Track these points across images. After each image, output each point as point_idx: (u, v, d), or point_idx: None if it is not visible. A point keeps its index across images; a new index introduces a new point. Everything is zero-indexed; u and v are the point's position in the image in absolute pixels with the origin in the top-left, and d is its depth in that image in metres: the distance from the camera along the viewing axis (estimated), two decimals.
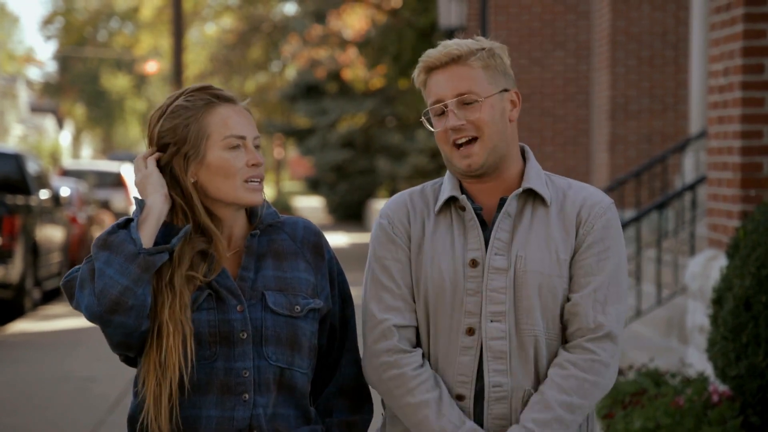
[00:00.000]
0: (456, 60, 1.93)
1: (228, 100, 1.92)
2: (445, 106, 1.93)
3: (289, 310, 1.92)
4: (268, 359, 1.89)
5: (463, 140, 1.92)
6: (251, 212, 1.95)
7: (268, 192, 26.04)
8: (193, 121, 1.89)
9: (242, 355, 1.89)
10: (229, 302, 1.90)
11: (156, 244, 1.87)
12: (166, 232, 1.89)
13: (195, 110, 1.88)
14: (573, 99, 9.90)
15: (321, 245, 1.98)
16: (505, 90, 1.96)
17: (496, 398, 1.90)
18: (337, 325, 2.00)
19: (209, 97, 1.90)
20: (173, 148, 1.88)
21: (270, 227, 1.96)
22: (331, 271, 1.99)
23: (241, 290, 1.91)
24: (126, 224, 1.86)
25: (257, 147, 1.92)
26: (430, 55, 1.95)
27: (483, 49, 1.95)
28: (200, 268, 1.89)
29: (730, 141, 4.40)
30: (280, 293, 1.92)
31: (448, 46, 1.94)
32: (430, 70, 1.95)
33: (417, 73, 1.97)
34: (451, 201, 1.97)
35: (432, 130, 1.96)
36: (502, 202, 1.95)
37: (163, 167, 1.89)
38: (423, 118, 1.97)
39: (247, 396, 1.88)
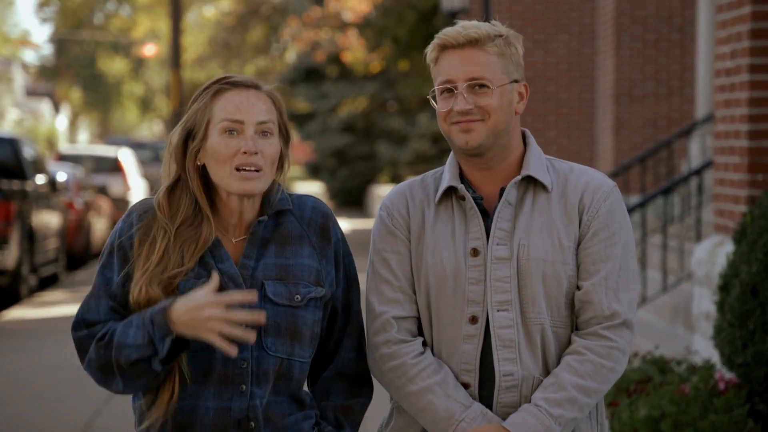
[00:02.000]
0: (473, 43, 1.90)
1: (242, 85, 1.89)
2: (455, 87, 1.91)
3: (288, 299, 1.89)
4: (267, 350, 1.87)
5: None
6: (265, 198, 1.93)
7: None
8: (203, 106, 1.89)
9: (241, 345, 1.85)
10: (230, 291, 1.87)
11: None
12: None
13: (207, 95, 1.90)
14: (577, 83, 9.84)
15: (328, 227, 1.95)
16: (516, 81, 1.94)
17: (506, 387, 1.90)
18: (339, 308, 1.97)
19: (222, 84, 1.89)
20: (189, 131, 1.91)
21: (279, 211, 1.94)
22: (337, 253, 1.96)
23: (242, 278, 1.88)
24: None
25: (264, 133, 1.88)
26: (447, 33, 1.92)
27: (501, 36, 1.92)
28: (189, 253, 1.86)
29: (737, 125, 4.34)
30: (280, 282, 1.90)
31: (467, 28, 1.91)
32: (445, 48, 1.92)
33: (430, 49, 1.94)
34: (452, 191, 1.96)
35: (436, 108, 1.94)
36: (503, 191, 1.93)
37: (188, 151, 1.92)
38: (429, 96, 1.95)
39: (244, 387, 1.86)
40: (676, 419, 3.55)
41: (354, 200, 21.69)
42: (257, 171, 1.86)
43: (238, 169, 1.86)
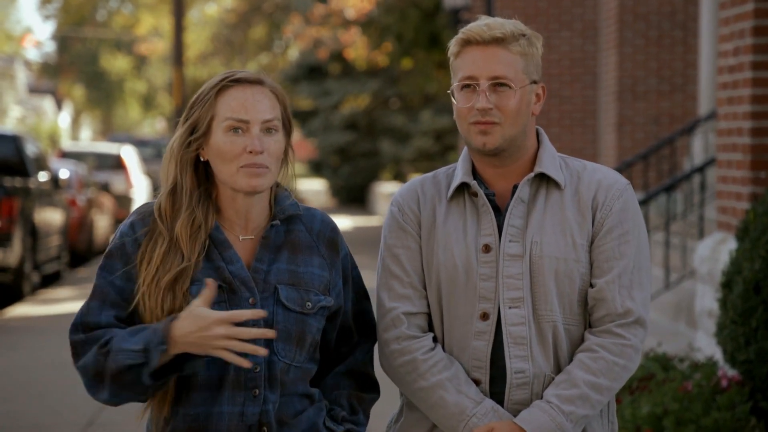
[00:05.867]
0: (498, 41, 1.89)
1: (246, 81, 1.88)
2: (477, 85, 1.90)
3: (300, 306, 1.89)
4: (278, 355, 1.87)
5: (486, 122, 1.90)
6: (275, 202, 1.92)
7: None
8: (206, 102, 1.88)
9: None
10: (242, 294, 1.87)
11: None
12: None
13: (211, 91, 1.89)
14: (580, 80, 9.83)
15: (336, 241, 1.96)
16: (535, 82, 1.93)
17: (518, 384, 1.90)
18: (351, 321, 1.97)
19: (225, 82, 1.88)
20: (191, 129, 1.89)
21: (289, 218, 1.93)
22: (345, 267, 1.96)
23: (254, 282, 1.88)
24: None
25: (269, 130, 1.87)
26: (472, 28, 1.91)
27: (524, 35, 1.91)
28: (188, 245, 1.85)
29: (739, 122, 4.34)
30: (292, 288, 1.90)
31: (493, 27, 1.90)
32: (468, 43, 1.91)
33: (453, 43, 1.93)
34: (464, 187, 1.95)
35: (455, 103, 1.93)
36: (516, 188, 1.93)
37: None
38: (450, 91, 1.94)
39: (257, 391, 1.86)
40: (679, 416, 3.54)
41: (356, 198, 21.69)
42: (263, 168, 1.86)
43: (244, 167, 1.85)
